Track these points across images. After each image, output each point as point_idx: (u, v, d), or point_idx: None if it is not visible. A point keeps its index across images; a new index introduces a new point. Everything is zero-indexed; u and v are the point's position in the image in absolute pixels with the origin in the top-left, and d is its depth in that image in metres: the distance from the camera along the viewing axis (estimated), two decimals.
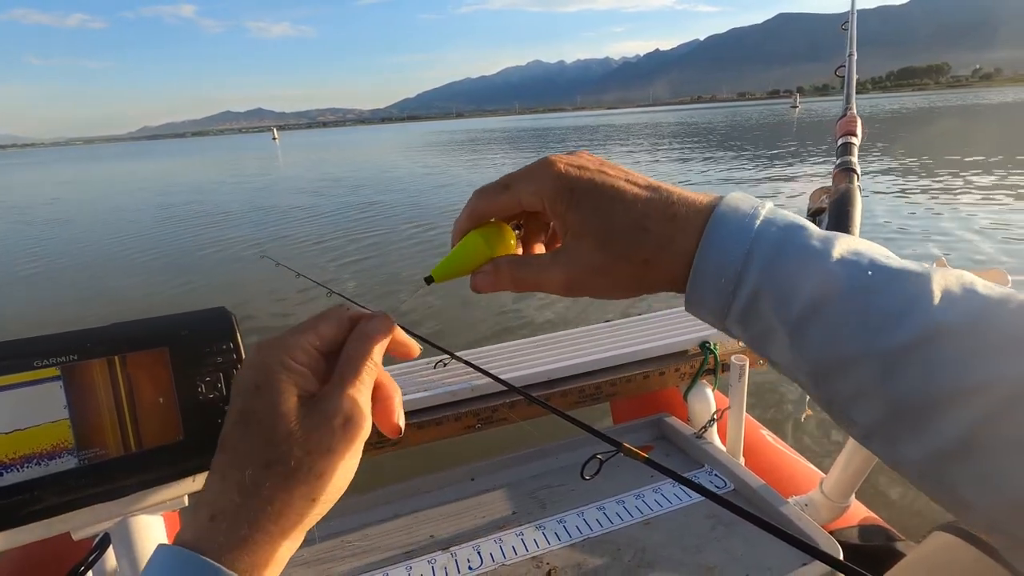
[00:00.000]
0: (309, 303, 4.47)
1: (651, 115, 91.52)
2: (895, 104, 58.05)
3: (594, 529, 0.81)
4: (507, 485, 0.90)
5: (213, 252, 7.20)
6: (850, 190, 0.85)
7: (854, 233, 0.76)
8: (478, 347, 1.24)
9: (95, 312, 4.93)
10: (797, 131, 26.13)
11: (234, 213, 10.55)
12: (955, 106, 47.49)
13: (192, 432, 0.55)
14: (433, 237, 6.99)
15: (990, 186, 7.99)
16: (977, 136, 16.79)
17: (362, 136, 73.83)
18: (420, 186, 12.49)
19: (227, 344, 0.56)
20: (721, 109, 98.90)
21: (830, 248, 0.29)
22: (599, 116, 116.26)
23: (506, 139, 36.21)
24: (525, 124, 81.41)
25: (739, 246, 0.30)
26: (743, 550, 0.73)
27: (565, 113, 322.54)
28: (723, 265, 0.30)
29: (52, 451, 0.49)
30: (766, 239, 0.30)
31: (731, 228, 0.30)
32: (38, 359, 0.49)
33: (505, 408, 0.96)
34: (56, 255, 7.76)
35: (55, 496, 0.51)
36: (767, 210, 0.32)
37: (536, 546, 0.79)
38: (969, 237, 5.39)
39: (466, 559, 0.77)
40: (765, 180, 10.54)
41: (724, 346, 1.29)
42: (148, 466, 0.54)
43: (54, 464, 0.49)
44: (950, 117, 31.05)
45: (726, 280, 0.30)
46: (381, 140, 50.15)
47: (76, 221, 11.09)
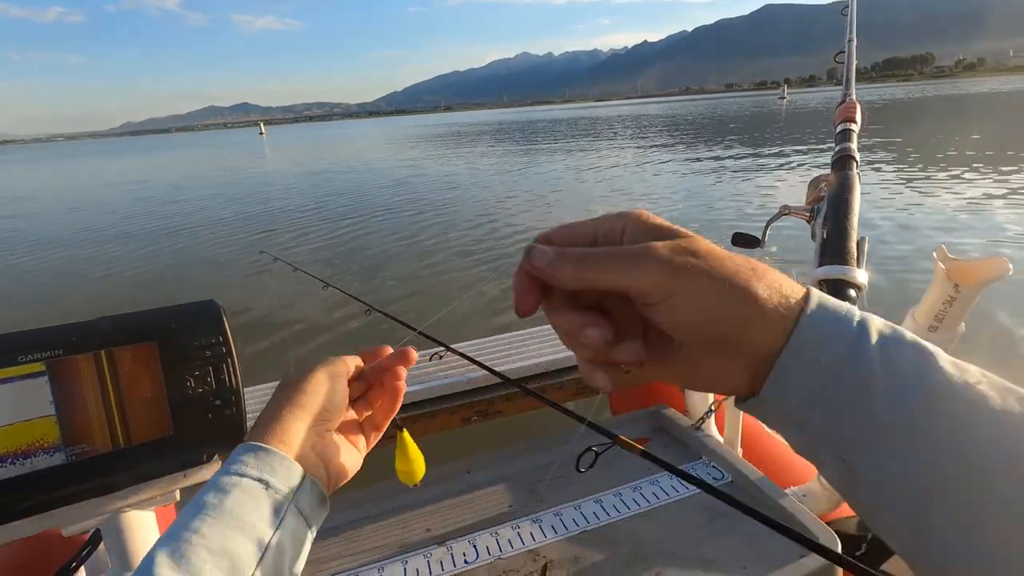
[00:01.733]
0: (307, 296, 4.46)
1: (640, 107, 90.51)
2: (879, 95, 57.50)
3: (591, 522, 0.81)
4: (503, 478, 0.89)
5: (206, 248, 7.17)
6: (849, 177, 0.84)
7: (852, 220, 0.75)
8: (473, 339, 1.24)
9: (82, 306, 4.90)
10: (786, 122, 26.30)
11: (225, 207, 10.48)
12: (943, 95, 47.28)
13: (182, 426, 0.54)
14: (427, 239, 6.97)
15: (981, 175, 7.97)
16: (970, 127, 16.72)
17: (350, 130, 72.88)
18: (414, 184, 12.41)
19: (216, 338, 0.55)
20: (710, 101, 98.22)
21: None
22: (588, 108, 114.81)
23: (497, 131, 35.98)
24: (514, 117, 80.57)
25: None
26: (741, 542, 0.73)
27: (554, 106, 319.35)
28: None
29: (38, 447, 0.48)
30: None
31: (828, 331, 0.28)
32: (22, 354, 0.48)
33: (501, 401, 0.95)
34: (39, 249, 7.71)
35: (42, 493, 0.50)
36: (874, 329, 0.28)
37: (532, 539, 0.78)
38: (966, 223, 5.38)
39: (462, 553, 0.76)
40: (759, 169, 10.52)
41: None
42: (137, 461, 0.53)
43: (40, 460, 0.49)
44: (940, 107, 30.94)
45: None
46: (371, 135, 49.45)
47: (61, 215, 10.98)
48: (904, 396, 0.26)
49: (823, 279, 0.68)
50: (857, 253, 0.70)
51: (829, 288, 0.67)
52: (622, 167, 12.32)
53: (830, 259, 0.69)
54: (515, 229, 6.74)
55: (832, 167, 0.90)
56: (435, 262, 5.54)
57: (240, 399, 0.56)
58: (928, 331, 0.84)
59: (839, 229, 0.74)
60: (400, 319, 1.19)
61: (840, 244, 0.71)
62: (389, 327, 0.91)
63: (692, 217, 6.77)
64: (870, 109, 29.91)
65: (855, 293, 0.65)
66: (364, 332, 3.63)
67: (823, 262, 0.70)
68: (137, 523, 0.59)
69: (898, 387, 0.26)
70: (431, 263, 5.52)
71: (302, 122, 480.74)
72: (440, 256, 5.76)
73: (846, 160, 0.88)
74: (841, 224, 0.74)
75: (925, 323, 0.84)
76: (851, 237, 0.72)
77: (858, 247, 0.70)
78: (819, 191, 0.89)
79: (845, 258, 0.69)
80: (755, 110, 40.65)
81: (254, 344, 3.69)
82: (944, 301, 0.82)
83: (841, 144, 0.93)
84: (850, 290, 0.65)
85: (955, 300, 0.81)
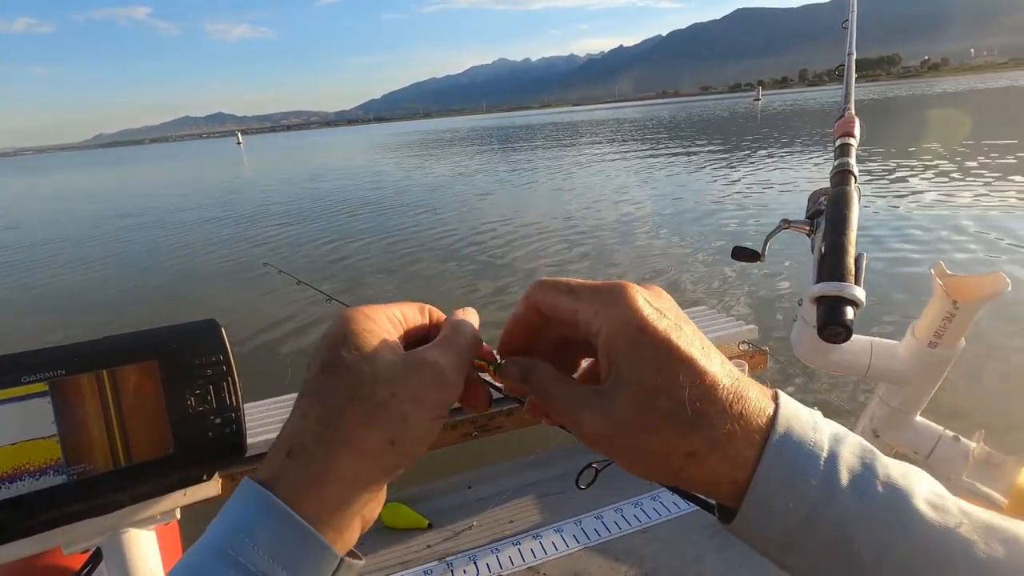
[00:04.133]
0: (309, 308, 4.47)
1: (619, 111, 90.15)
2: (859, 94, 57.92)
3: (591, 538, 0.80)
4: (504, 493, 0.89)
5: (205, 263, 7.19)
6: (847, 192, 0.84)
7: (850, 236, 0.75)
8: None
9: (85, 326, 4.89)
10: (762, 122, 26.96)
11: (223, 221, 10.47)
12: (911, 95, 47.33)
13: (182, 445, 0.54)
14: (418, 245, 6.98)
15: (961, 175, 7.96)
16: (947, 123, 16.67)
17: (330, 139, 72.33)
18: (393, 192, 12.43)
19: (216, 356, 0.56)
20: (687, 103, 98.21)
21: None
22: (567, 113, 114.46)
23: (477, 137, 36.00)
24: (494, 123, 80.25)
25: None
26: (742, 560, 0.72)
27: (532, 111, 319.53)
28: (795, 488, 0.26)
29: (41, 467, 0.49)
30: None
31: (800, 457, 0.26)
32: (25, 374, 0.48)
33: (502, 416, 0.95)
34: (35, 269, 7.67)
35: (44, 512, 0.50)
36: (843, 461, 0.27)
37: (533, 556, 0.78)
38: (960, 237, 5.35)
39: (462, 570, 0.76)
40: (742, 168, 10.59)
41: (724, 350, 1.28)
42: (138, 480, 0.53)
43: (43, 480, 0.49)
44: (910, 106, 30.98)
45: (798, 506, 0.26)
46: (351, 143, 49.11)
47: (51, 234, 10.89)
48: (886, 552, 0.24)
49: (820, 295, 0.68)
50: (855, 270, 0.70)
51: (827, 304, 0.67)
52: (602, 170, 12.37)
53: (828, 275, 0.69)
54: (516, 233, 6.76)
55: (831, 181, 0.90)
56: (432, 274, 5.55)
57: (240, 417, 0.57)
58: (928, 347, 0.84)
59: (837, 245, 0.74)
60: None
61: (838, 260, 0.71)
62: None
63: (686, 220, 6.76)
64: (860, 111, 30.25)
65: (852, 311, 0.65)
66: None
67: (821, 278, 0.70)
68: (138, 542, 0.59)
69: (878, 543, 0.25)
70: (429, 275, 5.53)
71: (279, 131, 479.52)
72: (439, 268, 5.77)
73: (844, 175, 0.89)
74: (839, 240, 0.75)
75: (925, 339, 0.84)
76: (849, 253, 0.72)
77: (856, 263, 0.71)
78: (818, 205, 0.89)
79: (843, 274, 0.69)
80: (733, 111, 40.96)
81: (251, 355, 3.70)
82: (943, 317, 0.82)
83: (840, 158, 0.93)
84: (847, 307, 0.65)
85: (954, 316, 0.81)
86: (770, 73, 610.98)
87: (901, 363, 0.89)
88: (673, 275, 4.91)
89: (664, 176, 10.63)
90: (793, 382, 2.82)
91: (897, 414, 0.93)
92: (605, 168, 13.06)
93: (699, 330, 0.29)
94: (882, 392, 0.95)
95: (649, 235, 6.42)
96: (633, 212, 7.75)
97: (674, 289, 4.53)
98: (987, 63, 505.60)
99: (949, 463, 0.90)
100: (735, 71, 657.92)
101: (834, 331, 0.65)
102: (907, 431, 0.94)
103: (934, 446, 0.91)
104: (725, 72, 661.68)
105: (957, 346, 0.83)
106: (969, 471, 0.87)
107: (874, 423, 0.96)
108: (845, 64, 1.28)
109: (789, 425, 0.27)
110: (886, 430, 0.95)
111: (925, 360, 0.86)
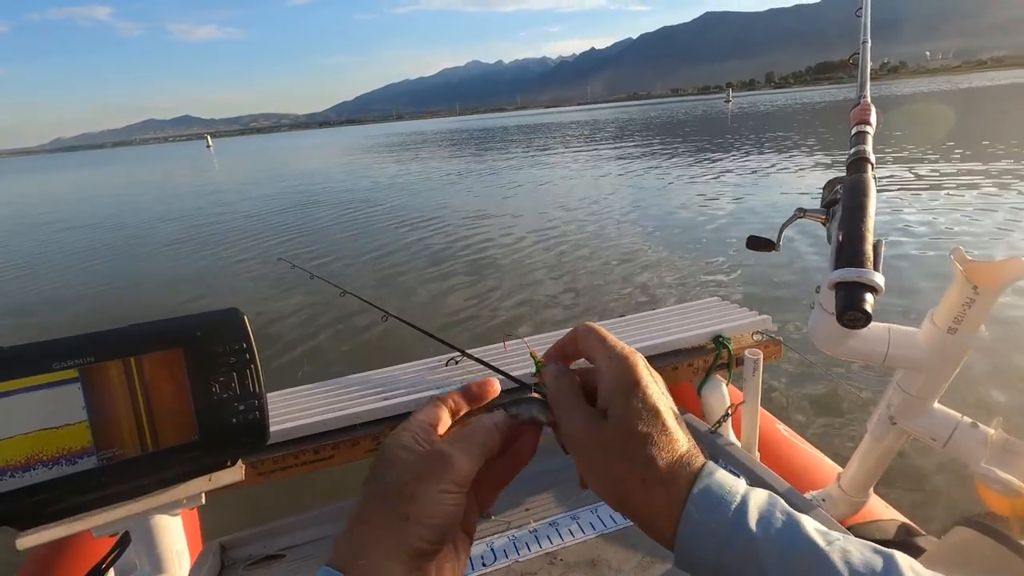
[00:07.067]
0: (323, 302, 4.51)
1: (591, 113, 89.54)
2: (820, 96, 56.48)
3: (607, 526, 0.81)
4: (521, 481, 0.89)
5: (224, 258, 7.28)
6: (864, 180, 0.84)
7: (868, 223, 0.74)
8: (490, 344, 1.25)
9: (111, 314, 5.00)
10: (732, 122, 27.82)
11: (229, 219, 10.57)
12: (880, 96, 46.98)
13: (207, 431, 0.55)
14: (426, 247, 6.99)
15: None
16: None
17: (303, 142, 71.33)
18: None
19: (240, 344, 0.57)
20: (659, 105, 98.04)
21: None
22: (540, 115, 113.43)
23: (454, 140, 35.76)
24: (472, 124, 79.41)
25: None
26: None
27: (506, 113, 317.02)
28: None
29: (72, 452, 0.50)
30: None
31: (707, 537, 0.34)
32: (57, 361, 0.49)
33: None
34: (60, 259, 7.85)
35: (76, 496, 0.52)
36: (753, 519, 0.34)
37: (550, 542, 0.79)
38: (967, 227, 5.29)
39: (480, 556, 0.77)
40: (719, 167, 10.63)
41: (738, 340, 1.28)
42: (165, 465, 0.55)
43: (75, 464, 0.50)
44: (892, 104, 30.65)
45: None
46: (326, 146, 48.45)
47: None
48: (785, 564, 0.32)
49: (839, 281, 0.68)
50: (874, 256, 0.69)
51: (846, 290, 0.67)
52: (579, 174, 12.32)
53: (846, 262, 0.69)
54: (517, 234, 6.76)
55: (847, 169, 0.90)
56: (447, 271, 5.56)
57: (264, 404, 0.57)
58: (948, 333, 0.84)
59: (855, 231, 0.73)
60: (417, 325, 1.20)
61: (856, 247, 0.71)
62: (406, 333, 0.92)
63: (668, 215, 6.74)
64: (813, 111, 30.24)
65: (871, 296, 0.65)
66: (379, 339, 3.66)
67: (839, 265, 0.70)
68: (164, 525, 0.61)
69: (780, 558, 0.32)
70: (444, 272, 5.55)
71: (249, 134, 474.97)
72: (454, 265, 5.78)
73: (861, 162, 0.88)
74: (857, 227, 0.74)
75: (944, 325, 0.84)
76: (867, 240, 0.72)
77: (874, 250, 0.70)
78: (834, 193, 0.89)
79: (861, 260, 0.68)
80: (705, 113, 41.17)
81: (272, 348, 3.74)
82: (963, 303, 0.81)
83: (856, 146, 0.92)
84: (867, 293, 0.65)
85: (974, 302, 0.80)
86: (738, 75, 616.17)
87: (919, 350, 0.89)
88: (687, 265, 4.91)
89: (662, 175, 10.64)
90: (811, 372, 2.81)
91: (915, 401, 0.92)
92: (604, 168, 13.01)
93: (673, 402, 0.38)
94: (899, 379, 0.94)
95: (662, 232, 6.42)
96: (639, 207, 7.73)
97: (683, 282, 4.53)
98: (943, 66, 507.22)
99: (967, 450, 0.89)
100: (705, 73, 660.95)
101: (853, 316, 0.65)
102: (925, 418, 0.93)
103: (952, 433, 0.91)
104: (694, 74, 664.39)
105: (976, 332, 0.83)
106: (987, 457, 0.86)
107: (891, 410, 0.95)
108: (860, 52, 1.26)
109: (715, 475, 0.35)
110: (903, 417, 0.94)
111: (944, 346, 0.85)
